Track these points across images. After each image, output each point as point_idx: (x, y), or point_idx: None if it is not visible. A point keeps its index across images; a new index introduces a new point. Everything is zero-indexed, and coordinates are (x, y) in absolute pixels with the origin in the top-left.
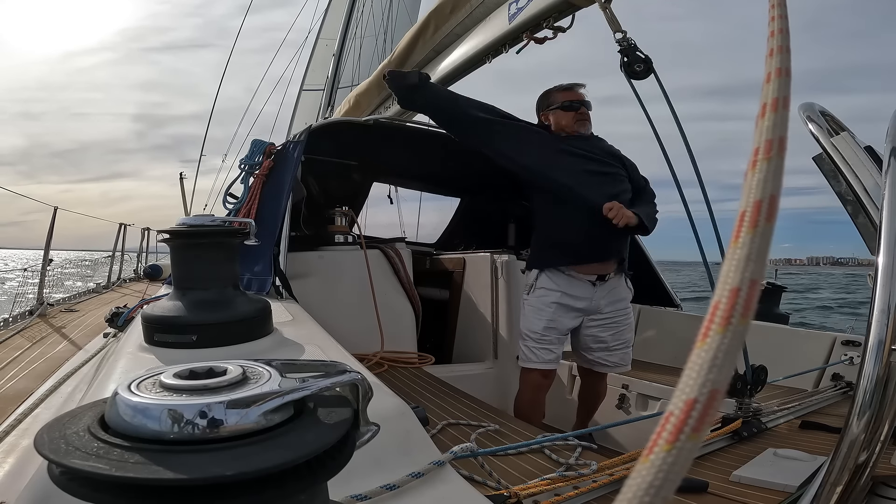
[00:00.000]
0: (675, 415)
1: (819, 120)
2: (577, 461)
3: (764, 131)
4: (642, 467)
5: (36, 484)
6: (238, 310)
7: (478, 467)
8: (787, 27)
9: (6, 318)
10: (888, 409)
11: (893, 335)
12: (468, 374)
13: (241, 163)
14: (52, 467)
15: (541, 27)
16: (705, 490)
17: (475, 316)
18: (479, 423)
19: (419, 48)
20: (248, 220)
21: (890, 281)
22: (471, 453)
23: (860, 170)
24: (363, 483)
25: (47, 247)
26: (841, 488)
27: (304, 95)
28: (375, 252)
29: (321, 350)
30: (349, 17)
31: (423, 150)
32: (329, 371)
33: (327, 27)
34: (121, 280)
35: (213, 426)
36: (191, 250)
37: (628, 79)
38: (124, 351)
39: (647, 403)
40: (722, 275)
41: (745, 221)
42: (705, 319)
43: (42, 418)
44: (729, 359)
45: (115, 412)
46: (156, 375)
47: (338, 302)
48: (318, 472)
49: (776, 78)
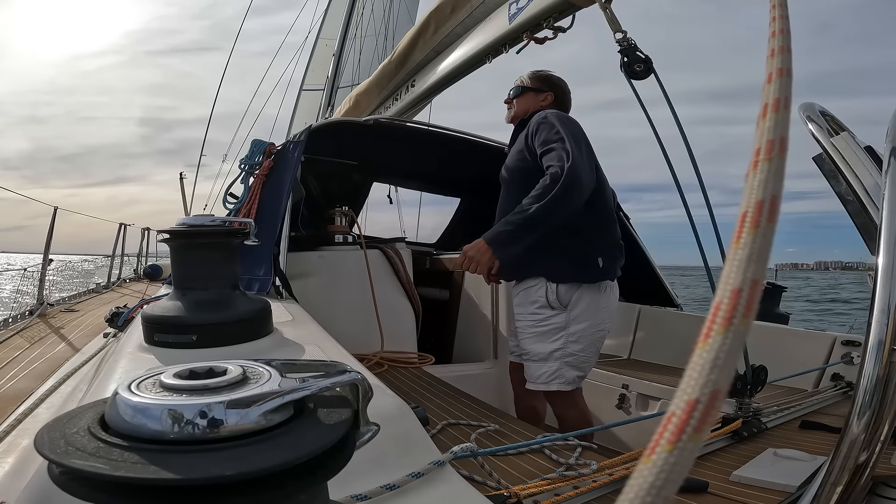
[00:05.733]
0: (676, 415)
1: (819, 120)
2: (577, 461)
3: (765, 132)
4: (644, 467)
5: (36, 484)
6: (238, 310)
7: (478, 467)
8: (788, 28)
9: (6, 318)
10: (888, 409)
11: (893, 335)
12: (468, 374)
13: (241, 163)
14: (52, 467)
15: (541, 27)
16: (705, 490)
17: (475, 316)
18: (479, 423)
19: (419, 48)
20: (248, 220)
21: (890, 281)
22: (471, 453)
23: (860, 170)
24: (363, 483)
25: (47, 247)
26: (841, 488)
27: (304, 95)
28: (375, 252)
29: (321, 350)
30: (349, 17)
31: (424, 150)
32: (329, 371)
33: (327, 27)
34: (121, 280)
35: (213, 426)
36: (191, 250)
37: (628, 79)
38: (124, 351)
39: (647, 403)
40: (723, 275)
41: (747, 222)
42: (707, 320)
43: (42, 418)
44: (730, 359)
45: (115, 412)
46: (156, 375)
47: (338, 302)
48: (318, 472)
49: (777, 78)
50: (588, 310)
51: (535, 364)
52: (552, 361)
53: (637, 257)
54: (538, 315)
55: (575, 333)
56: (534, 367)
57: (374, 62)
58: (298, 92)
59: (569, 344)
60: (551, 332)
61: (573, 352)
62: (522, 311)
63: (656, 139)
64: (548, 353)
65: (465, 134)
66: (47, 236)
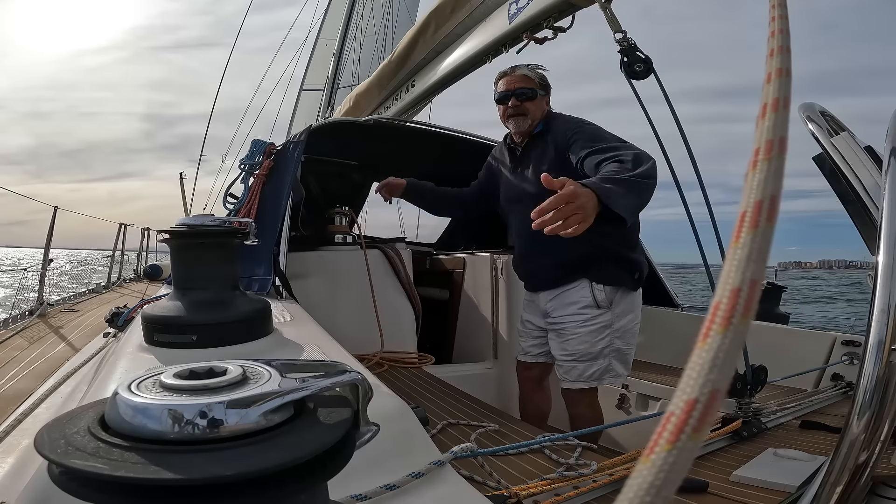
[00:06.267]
0: (675, 415)
1: (819, 120)
2: (577, 461)
3: (764, 132)
4: (643, 467)
5: (36, 484)
6: (238, 310)
7: (478, 467)
8: (788, 27)
9: (6, 318)
10: (888, 409)
11: (893, 335)
12: (468, 374)
13: (241, 163)
14: (52, 467)
15: (541, 27)
16: (705, 490)
17: (475, 316)
18: (479, 423)
19: (419, 48)
20: (248, 220)
21: (890, 281)
22: (471, 453)
23: (860, 170)
24: (363, 483)
25: (47, 247)
26: (841, 488)
27: (304, 95)
28: (375, 252)
29: (321, 350)
30: (349, 16)
31: (424, 150)
32: (329, 371)
33: (327, 27)
34: (121, 280)
35: (214, 426)
36: (191, 250)
37: (628, 79)
38: (124, 351)
39: (647, 403)
40: (723, 275)
41: (746, 222)
42: (706, 320)
43: (42, 418)
44: (730, 359)
45: (116, 412)
46: (156, 375)
47: (338, 302)
48: (318, 472)
49: (776, 78)
50: (628, 305)
51: (585, 364)
52: (602, 359)
53: None
54: (583, 315)
55: (619, 329)
56: (582, 367)
57: (374, 62)
58: (298, 92)
59: (615, 340)
60: (599, 330)
61: (619, 347)
62: (563, 314)
63: (656, 139)
64: (598, 351)
65: (465, 134)
66: (47, 236)
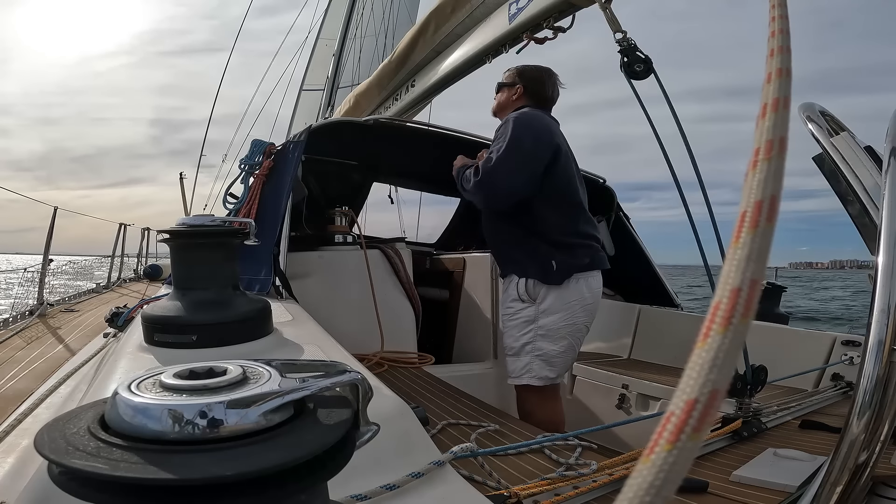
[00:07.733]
0: (675, 415)
1: (819, 120)
2: (577, 461)
3: (764, 131)
4: (643, 467)
5: (36, 484)
6: (238, 310)
7: (478, 467)
8: (788, 27)
9: (6, 318)
10: (888, 409)
11: (893, 335)
12: (468, 374)
13: (241, 163)
14: (52, 467)
15: (541, 27)
16: (705, 490)
17: (475, 316)
18: (479, 423)
19: (419, 48)
20: (248, 220)
21: (890, 281)
22: (471, 453)
23: (860, 170)
24: (363, 483)
25: (47, 247)
26: (841, 488)
27: (304, 95)
28: (375, 252)
29: (321, 350)
30: (349, 17)
31: (424, 150)
32: (329, 371)
33: (327, 27)
34: (120, 280)
35: (213, 426)
36: (191, 250)
37: (628, 79)
38: (124, 351)
39: (647, 403)
40: (723, 275)
41: (746, 222)
42: (706, 320)
43: (42, 418)
44: (729, 359)
45: (115, 412)
46: (156, 375)
47: (338, 302)
48: (318, 472)
49: (776, 78)
50: (556, 303)
51: (510, 358)
52: (524, 356)
53: (637, 257)
54: (511, 308)
55: (544, 327)
56: (509, 361)
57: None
58: (298, 92)
59: (538, 338)
60: (522, 324)
61: (543, 347)
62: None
63: (656, 138)
64: (520, 347)
65: (465, 134)
66: (47, 236)
